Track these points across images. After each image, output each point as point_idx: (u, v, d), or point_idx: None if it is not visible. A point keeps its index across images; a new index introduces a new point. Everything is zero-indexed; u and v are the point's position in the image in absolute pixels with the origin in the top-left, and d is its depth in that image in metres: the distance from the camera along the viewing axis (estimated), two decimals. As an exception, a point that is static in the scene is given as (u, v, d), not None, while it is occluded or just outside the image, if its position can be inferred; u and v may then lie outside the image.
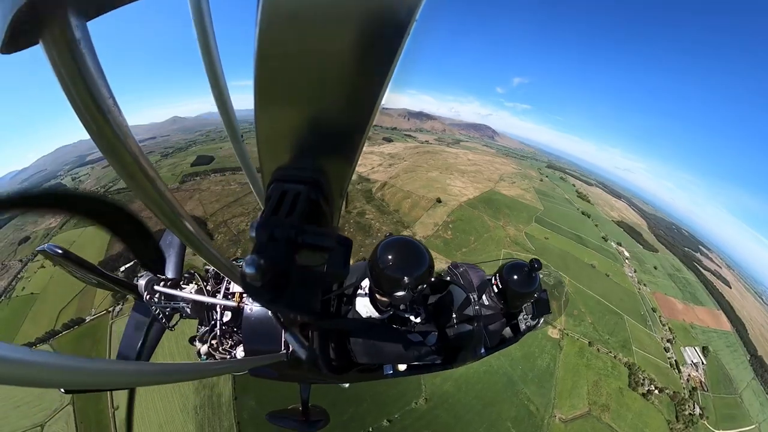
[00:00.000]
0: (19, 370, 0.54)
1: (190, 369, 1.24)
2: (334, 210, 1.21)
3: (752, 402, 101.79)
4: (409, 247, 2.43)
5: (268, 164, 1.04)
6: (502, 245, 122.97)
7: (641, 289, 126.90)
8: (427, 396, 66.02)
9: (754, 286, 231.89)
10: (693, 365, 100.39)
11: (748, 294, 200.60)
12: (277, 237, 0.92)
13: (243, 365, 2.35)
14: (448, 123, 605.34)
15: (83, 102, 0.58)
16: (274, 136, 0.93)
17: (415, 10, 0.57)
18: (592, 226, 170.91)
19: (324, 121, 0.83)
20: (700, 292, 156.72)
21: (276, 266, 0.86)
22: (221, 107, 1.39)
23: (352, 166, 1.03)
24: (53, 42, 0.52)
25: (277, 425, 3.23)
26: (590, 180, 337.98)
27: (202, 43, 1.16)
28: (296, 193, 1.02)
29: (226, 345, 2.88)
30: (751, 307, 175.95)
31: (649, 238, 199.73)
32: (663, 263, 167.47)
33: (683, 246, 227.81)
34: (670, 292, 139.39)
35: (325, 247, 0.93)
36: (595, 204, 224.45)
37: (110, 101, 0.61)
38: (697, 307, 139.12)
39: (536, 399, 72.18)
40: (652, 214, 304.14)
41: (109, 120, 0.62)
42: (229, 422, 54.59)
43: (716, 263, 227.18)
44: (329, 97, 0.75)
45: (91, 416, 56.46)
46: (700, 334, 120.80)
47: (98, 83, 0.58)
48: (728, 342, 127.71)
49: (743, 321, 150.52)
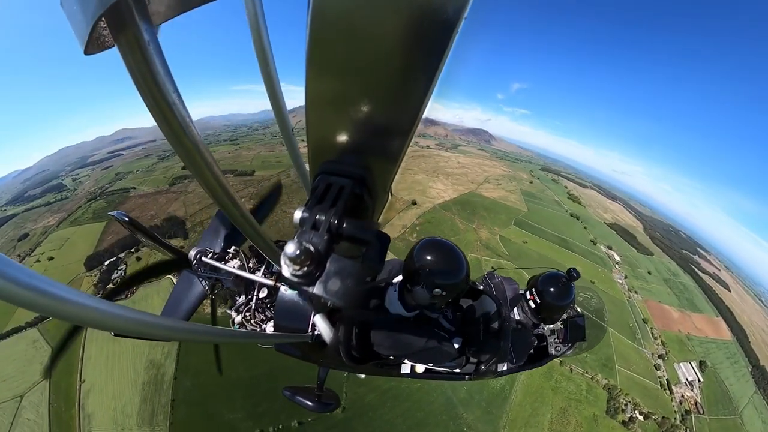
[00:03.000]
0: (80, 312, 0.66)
1: (221, 333, 1.37)
2: (377, 206, 1.26)
3: (754, 420, 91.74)
4: (447, 253, 2.43)
5: (317, 156, 1.10)
6: (472, 249, 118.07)
7: (631, 297, 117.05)
8: (346, 405, 60.83)
9: (753, 287, 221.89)
10: (688, 384, 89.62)
11: (748, 296, 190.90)
12: (318, 226, 0.98)
13: (270, 339, 2.75)
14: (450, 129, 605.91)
15: (152, 96, 0.67)
16: (323, 131, 0.98)
17: (463, 10, 0.58)
18: (581, 229, 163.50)
19: (372, 119, 0.86)
20: (698, 297, 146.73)
21: (314, 253, 0.91)
22: (273, 102, 1.46)
23: (397, 164, 1.08)
24: (127, 45, 0.61)
25: (291, 400, 3.45)
26: (585, 182, 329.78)
27: (257, 41, 1.24)
28: (341, 186, 1.08)
29: (257, 318, 3.16)
30: (751, 311, 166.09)
31: (644, 241, 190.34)
32: (658, 267, 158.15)
33: (680, 248, 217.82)
34: (665, 299, 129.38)
35: (364, 240, 0.98)
36: (588, 206, 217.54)
37: (175, 95, 0.71)
38: (695, 315, 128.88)
39: (479, 427, 61.96)
40: (649, 216, 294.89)
41: (174, 111, 0.72)
42: (166, 398, 61.71)
43: (715, 265, 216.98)
44: (377, 95, 0.79)
45: (63, 388, 64.38)
46: (698, 346, 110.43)
47: (164, 79, 0.67)
48: (728, 353, 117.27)
49: (744, 327, 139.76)
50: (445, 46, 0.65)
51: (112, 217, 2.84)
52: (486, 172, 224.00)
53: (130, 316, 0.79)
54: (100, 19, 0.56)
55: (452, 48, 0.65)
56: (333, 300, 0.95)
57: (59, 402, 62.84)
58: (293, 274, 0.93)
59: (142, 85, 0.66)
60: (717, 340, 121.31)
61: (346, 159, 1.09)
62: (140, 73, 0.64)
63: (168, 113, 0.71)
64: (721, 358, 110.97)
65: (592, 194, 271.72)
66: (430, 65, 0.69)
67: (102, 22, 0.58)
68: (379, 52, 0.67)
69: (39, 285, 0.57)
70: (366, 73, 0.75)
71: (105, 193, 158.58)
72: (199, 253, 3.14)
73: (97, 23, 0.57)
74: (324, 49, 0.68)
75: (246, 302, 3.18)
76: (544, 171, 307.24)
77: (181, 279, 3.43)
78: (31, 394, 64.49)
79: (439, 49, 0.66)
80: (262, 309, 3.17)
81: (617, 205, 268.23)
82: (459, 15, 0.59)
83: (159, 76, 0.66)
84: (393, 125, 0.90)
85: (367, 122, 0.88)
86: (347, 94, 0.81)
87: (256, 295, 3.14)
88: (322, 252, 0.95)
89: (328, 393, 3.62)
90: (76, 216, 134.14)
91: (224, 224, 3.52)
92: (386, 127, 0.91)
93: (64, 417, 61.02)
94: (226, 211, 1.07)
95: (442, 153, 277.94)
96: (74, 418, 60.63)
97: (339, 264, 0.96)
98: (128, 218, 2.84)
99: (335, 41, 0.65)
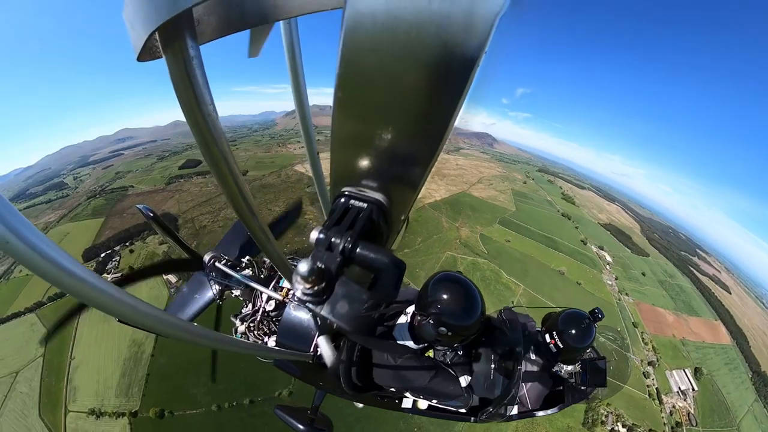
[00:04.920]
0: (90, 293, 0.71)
1: (223, 339, 1.37)
2: (392, 232, 1.26)
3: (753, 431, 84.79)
4: (461, 293, 2.40)
5: (338, 179, 1.12)
6: (450, 247, 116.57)
7: (622, 299, 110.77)
8: (293, 389, 62.86)
9: (754, 289, 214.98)
10: (680, 393, 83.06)
11: (749, 299, 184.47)
12: (333, 247, 0.99)
13: (270, 353, 2.71)
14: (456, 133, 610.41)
15: (190, 105, 0.75)
16: (347, 157, 1.00)
17: (484, 46, 0.62)
18: (572, 229, 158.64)
19: (393, 149, 0.89)
20: (696, 300, 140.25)
21: (327, 273, 0.92)
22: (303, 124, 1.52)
23: (416, 193, 1.08)
24: (174, 58, 0.69)
25: (281, 420, 3.31)
26: (583, 183, 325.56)
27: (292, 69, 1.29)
28: (359, 209, 1.10)
29: (261, 331, 3.25)
30: (752, 314, 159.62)
31: (640, 242, 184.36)
32: (654, 269, 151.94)
33: (679, 250, 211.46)
34: (660, 302, 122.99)
35: (378, 265, 0.98)
36: (582, 206, 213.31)
37: (211, 107, 0.78)
38: (692, 318, 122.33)
39: (431, 429, 58.70)
40: (648, 217, 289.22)
41: (208, 123, 0.79)
42: (142, 373, 68.06)
43: (715, 267, 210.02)
44: (400, 129, 0.83)
45: (55, 364, 71.71)
46: (693, 352, 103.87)
47: (203, 91, 0.75)
48: (727, 358, 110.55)
49: (744, 331, 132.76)
50: (466, 81, 0.68)
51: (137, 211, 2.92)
52: (482, 174, 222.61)
53: (137, 306, 0.83)
54: (154, 32, 0.65)
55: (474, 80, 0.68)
56: (339, 323, 0.94)
57: (50, 377, 70.20)
58: (303, 292, 0.93)
59: (182, 95, 0.74)
60: (715, 344, 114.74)
61: (367, 184, 1.09)
62: (182, 83, 0.72)
63: (202, 123, 0.79)
64: (718, 364, 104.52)
65: (589, 195, 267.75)
66: (451, 99, 0.73)
67: (156, 35, 0.66)
68: (402, 92, 0.72)
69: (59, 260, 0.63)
70: (390, 111, 0.79)
71: (104, 191, 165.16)
72: (213, 258, 3.23)
73: (152, 36, 0.66)
74: (351, 88, 0.73)
75: (252, 313, 3.26)
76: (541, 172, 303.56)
77: (192, 280, 3.52)
78: (26, 370, 72.21)
79: (460, 85, 0.69)
80: (267, 322, 3.25)
81: (614, 206, 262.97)
82: (479, 51, 0.63)
83: (198, 88, 0.74)
84: (414, 155, 0.92)
85: (389, 152, 0.91)
86: (371, 127, 0.84)
87: (264, 307, 3.23)
88: (333, 273, 0.95)
89: (322, 418, 3.46)
90: (76, 212, 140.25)
91: (241, 234, 3.65)
92: (407, 156, 0.93)
93: (54, 390, 68.42)
94: (245, 221, 1.11)
95: (442, 155, 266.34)
96: (62, 390, 68.12)
97: (348, 287, 0.96)
98: (153, 214, 2.96)
99: (361, 83, 0.71)
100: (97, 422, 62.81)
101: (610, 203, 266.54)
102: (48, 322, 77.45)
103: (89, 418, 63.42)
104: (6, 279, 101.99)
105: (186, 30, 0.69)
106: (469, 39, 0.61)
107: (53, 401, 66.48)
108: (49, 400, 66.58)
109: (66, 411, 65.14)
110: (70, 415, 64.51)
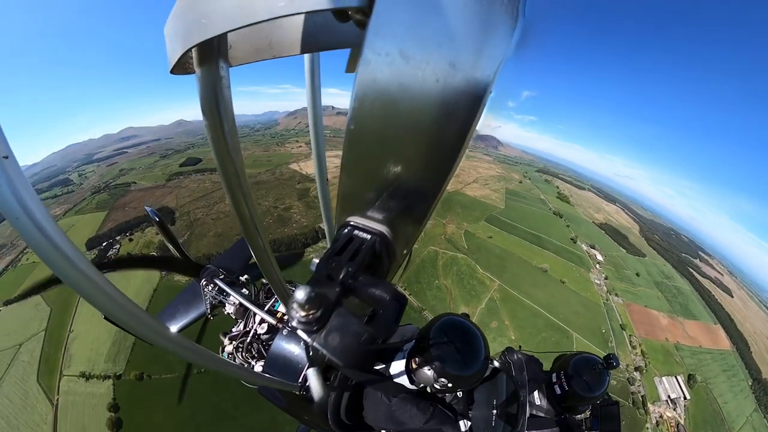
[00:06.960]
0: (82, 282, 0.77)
1: (208, 356, 1.37)
2: (393, 266, 1.25)
3: (752, 444, 77.75)
4: (465, 341, 2.31)
5: (344, 209, 1.12)
6: (434, 243, 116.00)
7: (610, 299, 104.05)
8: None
9: (758, 293, 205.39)
10: (669, 402, 76.17)
11: (752, 303, 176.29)
12: (334, 276, 0.97)
13: (256, 379, 2.59)
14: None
15: (212, 120, 0.81)
16: (354, 188, 1.01)
17: (489, 86, 0.65)
18: (562, 227, 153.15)
19: (401, 183, 0.90)
20: (695, 303, 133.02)
21: (324, 302, 0.91)
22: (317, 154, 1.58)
23: (421, 227, 1.09)
24: (204, 75, 0.75)
25: None
26: (583, 184, 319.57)
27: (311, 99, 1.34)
28: (362, 241, 1.09)
29: (249, 353, 3.18)
30: (754, 318, 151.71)
31: (637, 242, 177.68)
32: (650, 269, 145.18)
33: (680, 252, 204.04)
34: (654, 303, 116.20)
35: (377, 298, 0.96)
36: (577, 206, 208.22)
37: (231, 123, 0.83)
38: (689, 322, 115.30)
39: None
40: (649, 219, 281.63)
41: (227, 138, 0.84)
42: (130, 341, 73.87)
43: (717, 270, 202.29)
44: (409, 163, 0.84)
45: (55, 337, 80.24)
46: (688, 357, 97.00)
47: (227, 109, 0.80)
48: (726, 364, 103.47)
49: (745, 336, 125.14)
50: (472, 120, 0.70)
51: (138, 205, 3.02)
52: (479, 174, 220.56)
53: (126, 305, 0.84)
54: (190, 50, 0.70)
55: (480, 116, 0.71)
56: (330, 356, 0.92)
57: (50, 347, 78.66)
58: (298, 319, 0.92)
59: (206, 110, 0.79)
60: (713, 350, 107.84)
61: (372, 216, 1.10)
62: (209, 100, 0.78)
63: (222, 141, 0.84)
64: (716, 371, 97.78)
65: (588, 195, 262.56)
66: (458, 139, 0.75)
67: (191, 52, 0.72)
68: (412, 134, 0.75)
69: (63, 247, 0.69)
70: (399, 149, 0.81)
71: (108, 187, 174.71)
72: (212, 271, 3.30)
73: (187, 52, 0.71)
74: (363, 125, 0.75)
75: (243, 333, 3.19)
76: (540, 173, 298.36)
77: (186, 290, 3.56)
78: (28, 342, 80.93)
79: (466, 125, 0.71)
80: (257, 345, 3.16)
81: (614, 206, 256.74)
82: (486, 89, 0.65)
83: (224, 107, 0.80)
84: (421, 191, 0.93)
85: (396, 186, 0.92)
86: (380, 162, 0.85)
87: (255, 329, 3.16)
88: (331, 303, 0.93)
89: None
90: (81, 206, 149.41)
91: (244, 252, 3.68)
92: (414, 192, 0.94)
93: (52, 358, 76.35)
94: (249, 239, 1.13)
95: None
96: (59, 359, 76.34)
97: (344, 319, 0.94)
98: (159, 218, 3.09)
99: (373, 122, 0.73)
100: (86, 384, 71.19)
101: (610, 204, 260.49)
102: (51, 302, 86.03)
103: (80, 381, 71.66)
104: (14, 266, 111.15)
105: (220, 51, 0.76)
106: (476, 84, 0.64)
107: (50, 368, 74.32)
108: (47, 367, 74.49)
109: (61, 376, 72.93)
110: (64, 379, 72.50)
